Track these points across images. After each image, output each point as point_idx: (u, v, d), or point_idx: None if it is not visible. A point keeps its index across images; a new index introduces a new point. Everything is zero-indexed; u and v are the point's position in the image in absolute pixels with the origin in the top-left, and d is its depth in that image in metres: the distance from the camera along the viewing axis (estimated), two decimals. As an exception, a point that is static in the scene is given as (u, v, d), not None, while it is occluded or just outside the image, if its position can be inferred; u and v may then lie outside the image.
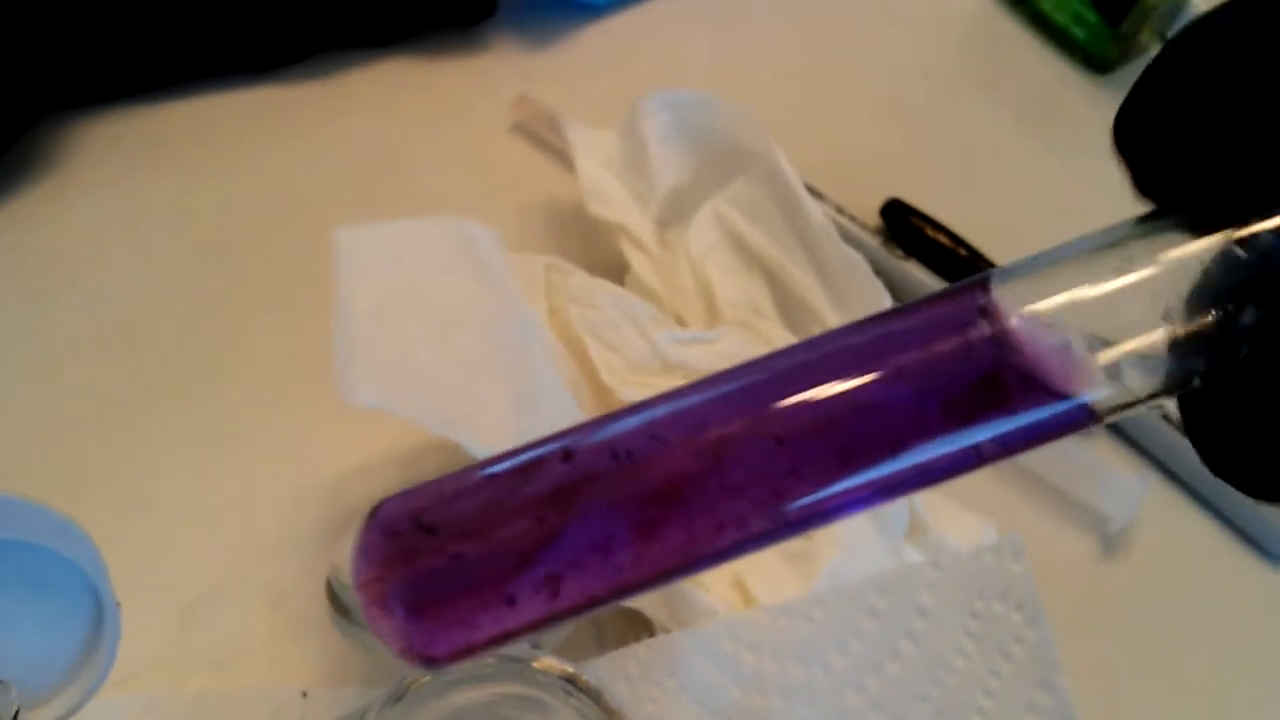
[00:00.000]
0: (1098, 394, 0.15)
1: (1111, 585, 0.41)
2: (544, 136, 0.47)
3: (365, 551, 0.15)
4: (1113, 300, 0.15)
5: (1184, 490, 0.43)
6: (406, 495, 0.15)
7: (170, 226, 0.42)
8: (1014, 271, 0.16)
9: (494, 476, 0.15)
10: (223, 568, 0.35)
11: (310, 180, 0.44)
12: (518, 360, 0.30)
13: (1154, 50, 0.56)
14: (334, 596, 0.30)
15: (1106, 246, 0.15)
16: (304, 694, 0.32)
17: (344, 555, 0.30)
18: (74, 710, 0.22)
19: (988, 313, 0.15)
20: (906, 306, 0.16)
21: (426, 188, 0.45)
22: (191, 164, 0.44)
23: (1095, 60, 0.56)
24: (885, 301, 0.39)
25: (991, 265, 0.47)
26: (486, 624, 0.15)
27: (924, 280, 0.46)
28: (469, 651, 0.15)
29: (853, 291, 0.39)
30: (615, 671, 0.31)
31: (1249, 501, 0.42)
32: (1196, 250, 0.15)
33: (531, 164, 0.47)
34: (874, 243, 0.47)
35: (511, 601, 0.15)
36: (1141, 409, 0.15)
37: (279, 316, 0.40)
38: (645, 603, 0.33)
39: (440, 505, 0.15)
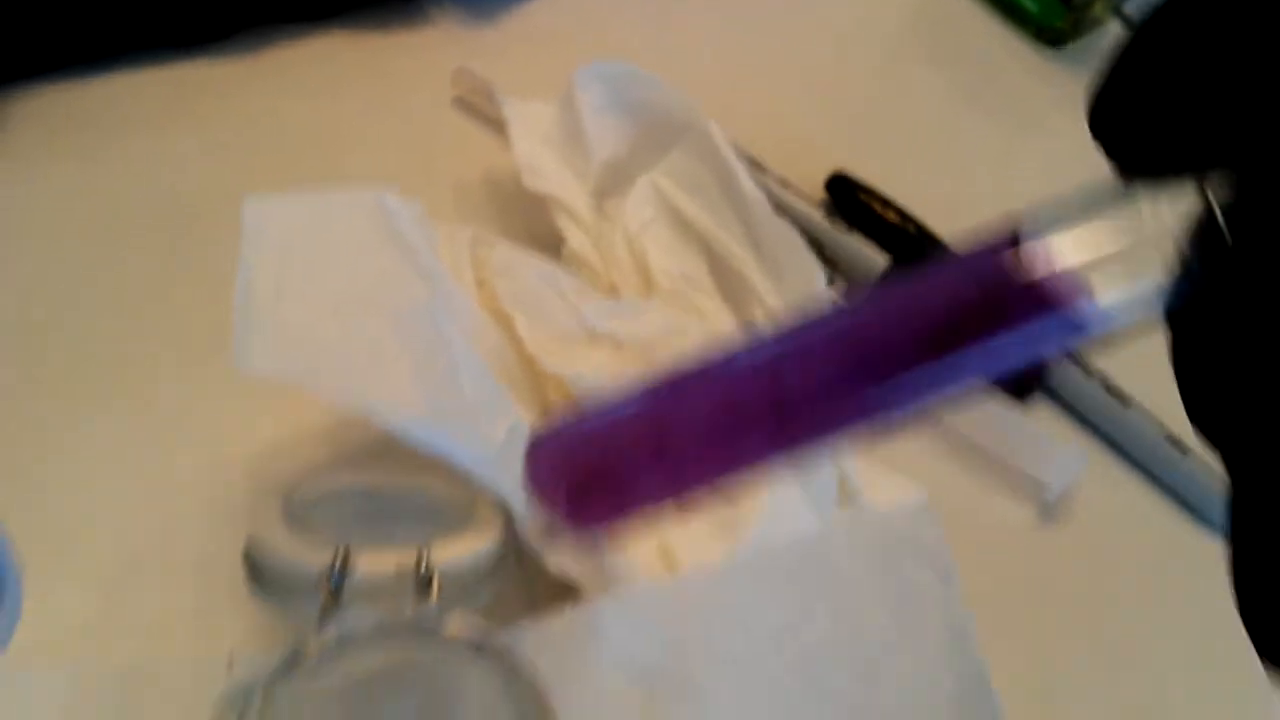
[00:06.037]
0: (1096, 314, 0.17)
1: (1048, 552, 0.41)
2: (484, 110, 0.47)
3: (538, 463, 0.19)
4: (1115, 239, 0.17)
5: (1121, 457, 0.44)
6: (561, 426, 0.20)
7: (90, 212, 0.41)
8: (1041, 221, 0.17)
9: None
10: (146, 540, 0.34)
11: (242, 161, 0.43)
12: (432, 337, 0.29)
13: (1107, 24, 0.56)
14: (251, 565, 0.30)
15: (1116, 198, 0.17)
16: (229, 663, 0.32)
17: (261, 524, 0.30)
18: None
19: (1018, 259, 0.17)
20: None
21: (364, 164, 0.45)
22: (112, 147, 0.43)
23: (1047, 33, 0.56)
24: (817, 273, 0.39)
25: (938, 241, 0.47)
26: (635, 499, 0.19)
27: (867, 254, 0.46)
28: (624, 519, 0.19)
29: (786, 263, 0.39)
30: (540, 638, 0.31)
31: (1184, 468, 0.43)
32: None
33: (472, 138, 0.46)
34: (817, 216, 0.47)
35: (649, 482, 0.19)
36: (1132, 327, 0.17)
37: (203, 295, 0.39)
38: (574, 569, 0.33)
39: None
